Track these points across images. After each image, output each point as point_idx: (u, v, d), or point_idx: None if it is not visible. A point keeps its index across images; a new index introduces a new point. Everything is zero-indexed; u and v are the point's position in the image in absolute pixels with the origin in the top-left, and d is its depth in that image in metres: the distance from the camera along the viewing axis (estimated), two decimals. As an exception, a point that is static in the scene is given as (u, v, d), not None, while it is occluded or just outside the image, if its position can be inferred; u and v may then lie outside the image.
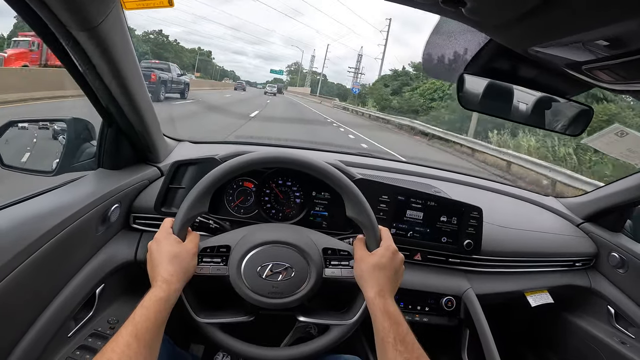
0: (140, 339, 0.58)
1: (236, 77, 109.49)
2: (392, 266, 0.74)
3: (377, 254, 0.75)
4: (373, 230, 0.77)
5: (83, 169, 1.01)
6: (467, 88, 0.82)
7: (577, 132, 0.85)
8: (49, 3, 0.56)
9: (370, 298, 0.70)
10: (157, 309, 0.62)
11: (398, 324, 0.66)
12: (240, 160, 0.78)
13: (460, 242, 1.13)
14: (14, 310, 0.68)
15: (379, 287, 0.71)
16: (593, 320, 1.39)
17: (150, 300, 0.63)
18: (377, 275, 0.72)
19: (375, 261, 0.73)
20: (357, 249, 0.78)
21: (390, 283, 0.72)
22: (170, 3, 0.69)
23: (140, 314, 0.61)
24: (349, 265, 0.79)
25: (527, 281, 1.28)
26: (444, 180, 1.55)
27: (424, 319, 1.12)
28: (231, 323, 0.77)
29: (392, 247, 0.76)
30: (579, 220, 1.47)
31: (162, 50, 63.03)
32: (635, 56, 0.46)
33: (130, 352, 0.56)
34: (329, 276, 0.78)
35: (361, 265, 0.75)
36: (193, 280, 0.73)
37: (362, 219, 0.78)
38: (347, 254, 0.80)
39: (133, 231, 1.05)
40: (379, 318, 0.67)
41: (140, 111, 0.92)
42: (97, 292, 0.92)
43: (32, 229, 0.71)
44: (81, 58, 0.72)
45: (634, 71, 0.52)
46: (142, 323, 0.59)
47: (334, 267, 0.79)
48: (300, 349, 0.77)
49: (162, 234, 0.73)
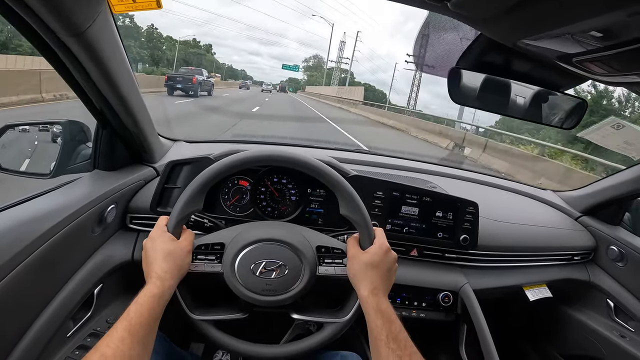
0: (134, 334, 0.58)
1: (247, 77, 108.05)
2: (385, 264, 0.74)
3: (370, 252, 0.75)
4: (367, 229, 0.77)
5: (79, 170, 1.01)
6: (464, 82, 0.82)
7: (572, 125, 0.84)
8: (37, 10, 0.57)
9: (364, 296, 0.70)
10: (150, 305, 0.63)
11: (391, 322, 0.66)
12: (233, 159, 0.78)
13: (456, 237, 1.13)
14: (12, 311, 0.69)
15: (372, 286, 0.71)
16: (592, 314, 1.39)
17: (144, 297, 0.64)
18: (370, 274, 0.72)
19: (369, 259, 0.74)
20: (351, 247, 0.78)
21: (383, 281, 0.73)
22: (158, 5, 0.69)
23: (134, 310, 0.61)
24: (343, 263, 0.79)
25: (525, 275, 1.28)
26: (440, 175, 1.54)
27: (421, 315, 1.12)
28: (225, 320, 0.78)
29: (385, 245, 0.77)
30: (577, 214, 1.47)
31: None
32: (626, 47, 0.46)
33: (124, 347, 0.56)
34: (323, 274, 0.79)
35: (354, 264, 0.75)
36: (187, 278, 0.73)
37: (355, 217, 0.78)
38: (340, 252, 0.80)
39: (130, 231, 1.06)
40: (372, 316, 0.68)
41: (133, 112, 0.93)
42: (95, 292, 0.93)
43: (29, 231, 0.72)
44: (72, 62, 0.73)
45: (626, 63, 0.52)
46: (136, 319, 0.60)
47: (327, 265, 0.79)
48: (291, 347, 0.78)
49: (157, 231, 0.74)
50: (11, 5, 0.55)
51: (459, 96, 0.82)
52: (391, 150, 7.01)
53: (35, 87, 8.14)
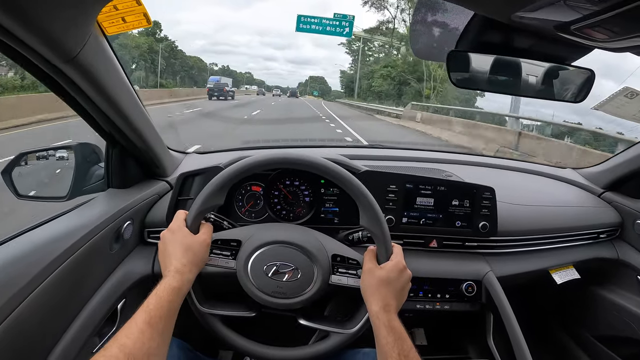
0: (154, 326, 0.59)
1: (261, 84, 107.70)
2: (400, 283, 0.74)
3: (386, 269, 0.74)
4: (385, 243, 0.77)
5: (94, 191, 1.03)
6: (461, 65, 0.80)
7: (583, 97, 0.82)
8: (28, 41, 0.58)
9: (374, 311, 0.70)
10: (170, 298, 0.64)
11: (403, 340, 0.66)
12: (259, 158, 0.78)
13: (475, 225, 1.11)
14: (38, 329, 0.71)
15: (384, 302, 0.71)
16: (623, 292, 1.34)
17: (164, 291, 0.64)
18: (384, 290, 0.72)
19: (384, 275, 0.73)
20: (367, 260, 0.77)
21: (395, 299, 0.73)
22: (148, 22, 0.71)
23: (154, 302, 0.62)
24: (357, 275, 0.79)
25: (550, 258, 1.24)
26: (453, 163, 1.52)
27: (445, 307, 1.10)
28: (232, 316, 0.79)
29: (402, 263, 0.76)
30: (599, 190, 1.42)
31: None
32: (624, 7, 0.43)
33: (144, 338, 0.57)
34: (335, 283, 0.79)
35: (369, 277, 0.75)
36: (200, 271, 0.75)
37: (375, 231, 0.77)
38: (356, 263, 0.80)
39: (148, 245, 1.07)
40: (383, 332, 0.67)
41: (138, 130, 0.94)
42: (118, 307, 0.95)
43: (47, 252, 0.74)
44: (71, 87, 0.74)
45: (626, 24, 0.49)
46: (156, 311, 0.61)
47: (341, 275, 0.79)
48: (295, 352, 0.78)
49: (176, 223, 0.75)
50: (3, 39, 0.57)
51: (462, 80, 0.81)
52: (401, 142, 6.91)
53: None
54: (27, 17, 0.53)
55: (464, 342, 1.25)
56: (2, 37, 0.57)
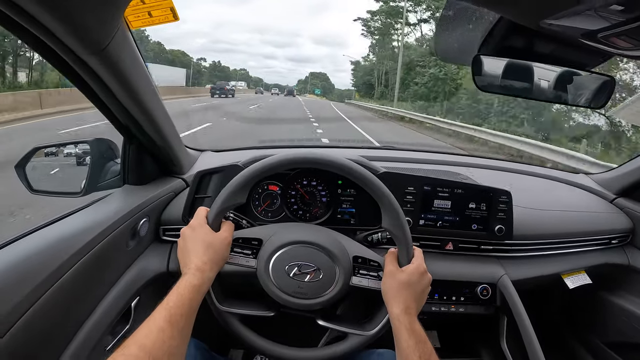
0: (174, 324, 0.57)
1: (259, 84, 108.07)
2: (420, 286, 0.74)
3: (407, 272, 0.74)
4: (406, 246, 0.76)
5: (109, 187, 1.03)
6: (485, 70, 0.80)
7: (601, 104, 0.82)
8: (55, 31, 0.57)
9: (396, 314, 0.70)
10: (191, 295, 0.63)
11: (424, 343, 0.67)
12: (282, 157, 0.77)
13: (491, 228, 1.11)
14: (52, 325, 0.70)
15: (405, 305, 0.71)
16: (633, 298, 1.34)
17: (185, 288, 0.63)
18: (405, 293, 0.72)
19: (405, 279, 0.73)
20: (388, 262, 0.77)
21: (416, 302, 0.73)
22: (175, 17, 0.69)
23: (174, 299, 0.61)
24: (378, 276, 0.79)
25: (563, 263, 1.24)
26: (469, 166, 1.52)
27: (460, 309, 1.10)
28: (251, 315, 0.78)
29: (423, 267, 0.76)
30: (612, 196, 1.42)
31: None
32: None
33: (165, 337, 0.55)
34: (356, 284, 0.78)
35: (390, 280, 0.74)
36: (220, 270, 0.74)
37: (397, 233, 0.77)
38: (377, 265, 0.80)
39: (164, 243, 1.07)
40: (405, 335, 0.67)
41: (158, 126, 0.93)
42: (132, 305, 0.94)
43: (64, 248, 0.73)
44: (93, 80, 0.73)
45: None
46: (176, 309, 0.59)
47: (361, 277, 0.79)
48: (314, 352, 0.78)
49: (197, 220, 0.74)
50: (30, 29, 0.56)
51: (487, 85, 0.81)
52: (419, 144, 6.95)
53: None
54: (61, 9, 0.52)
55: (477, 345, 1.25)
56: (31, 28, 0.56)
